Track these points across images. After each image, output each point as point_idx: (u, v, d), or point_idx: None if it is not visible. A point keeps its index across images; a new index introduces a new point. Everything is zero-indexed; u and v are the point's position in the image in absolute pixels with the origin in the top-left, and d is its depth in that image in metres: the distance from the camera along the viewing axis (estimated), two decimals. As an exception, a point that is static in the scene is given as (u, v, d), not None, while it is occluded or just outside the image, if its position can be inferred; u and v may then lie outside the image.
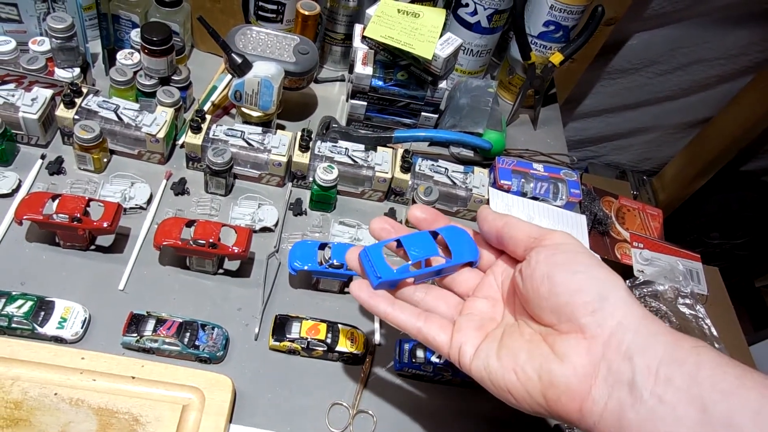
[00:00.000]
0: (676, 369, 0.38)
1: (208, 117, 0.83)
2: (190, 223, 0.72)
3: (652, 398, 0.38)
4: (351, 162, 0.83)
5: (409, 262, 0.51)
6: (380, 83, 0.90)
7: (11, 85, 0.78)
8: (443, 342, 0.49)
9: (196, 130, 0.81)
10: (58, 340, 0.65)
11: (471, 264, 0.54)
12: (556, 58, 1.00)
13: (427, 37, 0.86)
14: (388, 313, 0.51)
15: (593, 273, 0.43)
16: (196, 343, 0.66)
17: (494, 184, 0.89)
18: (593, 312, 0.42)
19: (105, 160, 0.81)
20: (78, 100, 0.79)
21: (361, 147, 0.85)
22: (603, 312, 0.41)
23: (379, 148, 0.86)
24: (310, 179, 0.84)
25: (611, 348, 0.41)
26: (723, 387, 0.37)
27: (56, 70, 0.84)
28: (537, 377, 0.43)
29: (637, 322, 0.41)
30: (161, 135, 0.80)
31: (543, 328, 0.45)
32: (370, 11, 0.89)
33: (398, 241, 0.52)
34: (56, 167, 0.79)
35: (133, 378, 0.62)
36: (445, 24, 0.90)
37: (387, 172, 0.83)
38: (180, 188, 0.82)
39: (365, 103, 0.93)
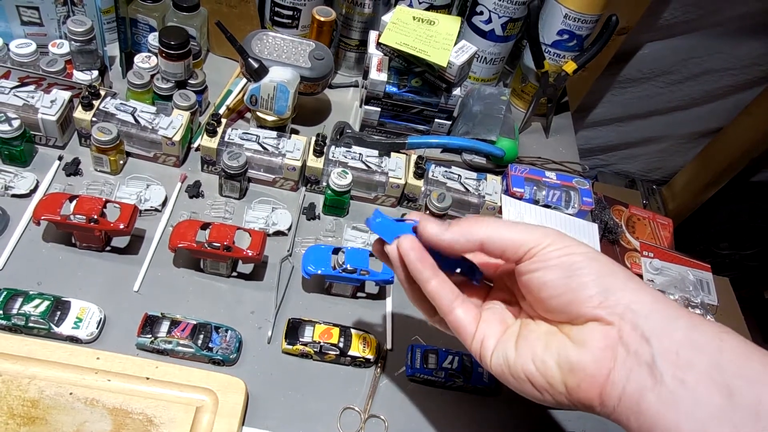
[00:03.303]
0: (697, 353, 0.38)
1: (224, 121, 0.84)
2: (204, 226, 0.72)
3: (673, 381, 0.38)
4: (365, 167, 0.84)
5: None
6: (394, 89, 0.91)
7: (31, 87, 0.79)
8: (470, 331, 0.49)
9: (212, 133, 0.81)
10: (73, 339, 0.66)
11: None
12: (570, 66, 1.00)
13: (442, 44, 0.87)
14: (430, 280, 0.48)
15: (590, 270, 0.43)
16: (210, 345, 0.67)
17: (507, 191, 0.89)
18: (600, 304, 0.41)
19: (121, 162, 0.82)
20: (96, 103, 0.80)
21: (375, 152, 0.85)
22: (609, 302, 0.41)
23: (392, 153, 0.86)
24: (324, 184, 0.85)
25: (626, 331, 0.40)
26: (748, 374, 0.36)
27: (75, 72, 0.85)
28: (556, 365, 0.43)
29: (650, 307, 0.40)
30: (177, 138, 0.81)
31: (558, 323, 0.46)
32: (386, 18, 0.90)
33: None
34: (73, 168, 0.80)
35: (148, 379, 0.63)
36: (459, 32, 0.90)
37: (400, 178, 0.84)
38: (195, 191, 0.82)
39: (379, 109, 0.93)
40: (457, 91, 0.92)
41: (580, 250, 0.44)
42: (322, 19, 0.93)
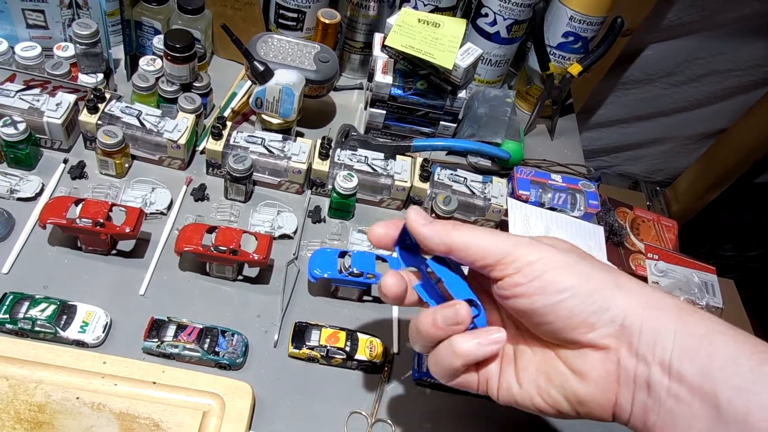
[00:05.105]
0: (688, 363, 0.37)
1: (229, 124, 0.84)
2: (211, 229, 0.72)
3: (669, 398, 0.38)
4: (370, 170, 0.83)
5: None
6: (400, 92, 0.91)
7: (36, 90, 0.79)
8: (474, 384, 0.47)
9: (217, 136, 0.81)
10: (79, 344, 0.66)
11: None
12: (575, 69, 1.00)
13: (448, 46, 0.86)
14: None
15: (576, 290, 0.40)
16: (216, 349, 0.66)
17: (512, 194, 0.89)
18: (593, 327, 0.40)
19: (126, 165, 0.82)
20: (101, 106, 0.80)
21: (381, 155, 0.85)
22: (602, 322, 0.40)
23: (398, 156, 0.86)
24: (329, 187, 0.85)
25: (623, 354, 0.40)
26: (737, 382, 0.36)
27: (80, 75, 0.85)
28: (563, 399, 0.43)
29: (641, 318, 0.39)
30: (183, 141, 0.80)
31: (552, 345, 0.45)
32: (391, 20, 0.90)
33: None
34: (78, 172, 0.80)
35: (154, 383, 0.63)
36: (464, 34, 0.90)
37: (406, 181, 0.84)
38: (200, 194, 0.82)
39: (384, 112, 0.93)
40: (462, 94, 0.92)
41: (556, 262, 0.41)
42: (327, 21, 0.93)
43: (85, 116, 0.79)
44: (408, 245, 0.49)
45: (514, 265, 0.42)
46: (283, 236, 0.80)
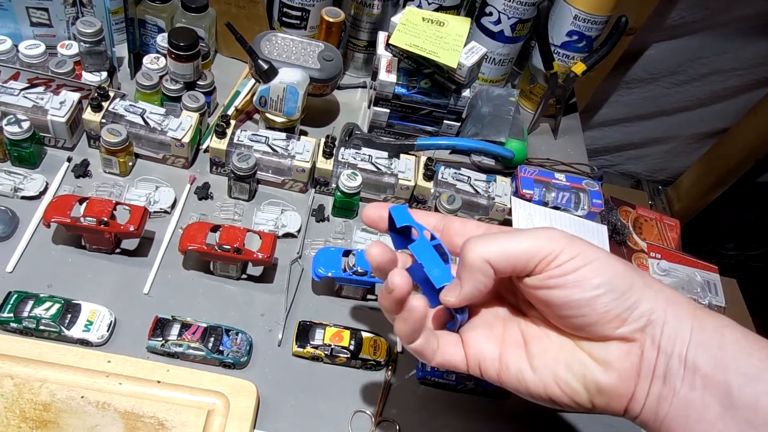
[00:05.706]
0: (701, 353, 0.39)
1: (233, 122, 0.84)
2: (215, 228, 0.72)
3: (683, 388, 0.39)
4: (374, 169, 0.83)
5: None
6: (404, 91, 0.91)
7: (40, 89, 0.79)
8: (461, 364, 0.46)
9: (221, 135, 0.81)
10: (84, 342, 0.66)
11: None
12: (579, 68, 1.00)
13: (452, 45, 0.86)
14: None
15: (614, 286, 0.41)
16: (221, 348, 0.66)
17: (516, 193, 0.89)
18: (624, 321, 0.41)
19: (130, 163, 0.82)
20: (105, 104, 0.80)
21: (384, 154, 0.85)
22: (632, 317, 0.41)
23: (402, 155, 0.86)
24: (333, 186, 0.84)
25: (647, 346, 0.41)
26: (748, 371, 0.38)
27: (84, 73, 0.85)
28: (582, 388, 0.43)
29: (664, 313, 0.41)
30: (186, 139, 0.80)
31: (574, 336, 0.44)
32: (395, 19, 0.89)
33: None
34: (82, 170, 0.80)
35: (159, 382, 0.62)
36: (468, 33, 0.90)
37: (410, 180, 0.83)
38: (203, 193, 0.82)
39: (388, 110, 0.93)
40: (466, 93, 0.92)
41: (591, 257, 0.41)
42: (331, 20, 0.93)
43: (89, 114, 0.79)
44: (398, 229, 0.48)
45: (555, 262, 0.42)
46: (287, 235, 0.80)
